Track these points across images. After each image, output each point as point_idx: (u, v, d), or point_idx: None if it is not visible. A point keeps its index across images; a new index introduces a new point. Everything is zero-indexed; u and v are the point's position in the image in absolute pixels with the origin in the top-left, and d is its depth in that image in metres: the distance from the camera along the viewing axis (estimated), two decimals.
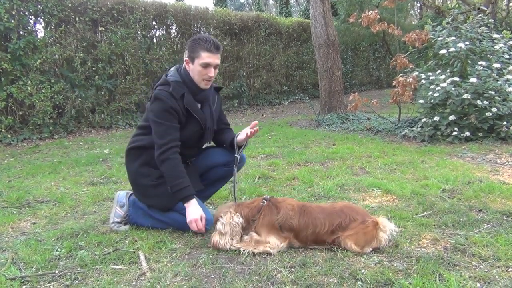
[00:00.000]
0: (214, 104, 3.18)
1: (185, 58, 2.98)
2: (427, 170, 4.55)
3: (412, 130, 6.52)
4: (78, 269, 2.44)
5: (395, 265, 2.38)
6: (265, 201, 2.74)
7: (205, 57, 2.87)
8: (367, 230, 2.56)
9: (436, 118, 6.08)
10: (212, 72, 2.93)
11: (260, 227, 2.65)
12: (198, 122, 3.00)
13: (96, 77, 9.08)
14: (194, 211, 2.76)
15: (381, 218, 2.67)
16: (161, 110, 2.86)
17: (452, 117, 5.93)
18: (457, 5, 9.38)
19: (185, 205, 2.79)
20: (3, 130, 7.58)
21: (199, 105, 3.04)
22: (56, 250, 2.69)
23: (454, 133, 5.91)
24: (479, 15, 6.82)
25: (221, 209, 2.78)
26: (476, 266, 2.35)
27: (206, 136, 3.11)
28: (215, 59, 2.92)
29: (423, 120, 6.35)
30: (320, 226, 2.59)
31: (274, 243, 2.59)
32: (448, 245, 2.63)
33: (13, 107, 7.86)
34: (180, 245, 2.78)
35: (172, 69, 3.08)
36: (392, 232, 2.61)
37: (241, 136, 3.08)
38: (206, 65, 2.89)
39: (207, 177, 3.24)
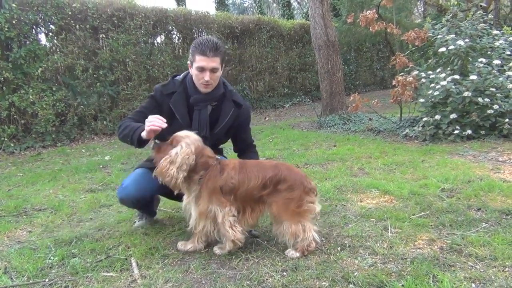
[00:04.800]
0: (226, 116, 3.03)
1: (188, 62, 3.00)
2: (427, 169, 4.49)
3: (414, 130, 6.45)
4: (69, 277, 2.43)
5: (388, 267, 2.34)
6: (215, 162, 2.68)
7: (199, 60, 2.81)
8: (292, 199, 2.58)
9: (438, 117, 6.02)
10: (207, 76, 2.82)
11: (204, 190, 2.60)
12: (180, 125, 2.89)
13: (98, 84, 9.11)
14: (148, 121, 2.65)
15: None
16: (147, 97, 3.05)
17: (453, 116, 5.87)
18: (457, 2, 9.31)
19: (142, 134, 2.68)
20: (6, 139, 7.62)
21: (191, 108, 2.99)
22: (49, 258, 2.69)
23: (456, 132, 5.84)
24: (478, 12, 6.75)
25: (185, 138, 2.63)
26: (472, 266, 2.30)
27: None
28: (210, 62, 2.81)
29: (424, 119, 6.29)
30: (254, 179, 2.59)
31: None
32: (444, 245, 2.58)
33: (15, 116, 7.89)
34: (173, 251, 2.76)
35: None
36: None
37: None
38: (201, 69, 2.83)
39: None
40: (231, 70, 12.57)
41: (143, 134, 2.66)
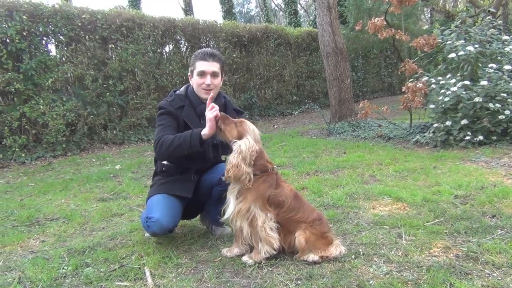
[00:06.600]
0: None
1: (188, 74, 3.12)
2: (439, 176, 4.46)
3: (424, 136, 6.41)
4: (83, 286, 2.43)
5: (404, 275, 2.32)
6: (273, 170, 2.69)
7: (200, 66, 2.98)
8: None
9: (448, 123, 5.98)
10: (208, 80, 2.96)
11: (251, 190, 2.57)
12: None
13: (108, 93, 9.18)
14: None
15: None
16: (160, 114, 3.00)
17: (464, 121, 5.83)
18: (465, 8, 9.29)
19: (202, 133, 2.71)
20: (17, 149, 7.68)
21: (200, 119, 3.01)
22: (63, 268, 2.69)
23: (467, 138, 5.80)
24: (487, 17, 6.72)
25: (253, 131, 2.67)
26: (489, 274, 2.27)
27: (207, 150, 3.00)
28: (210, 66, 2.97)
29: (435, 125, 6.25)
30: (302, 213, 2.61)
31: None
32: (460, 253, 2.55)
33: (26, 126, 7.97)
34: (186, 259, 2.75)
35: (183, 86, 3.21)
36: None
37: None
38: (201, 73, 2.96)
39: (212, 196, 3.11)
40: (239, 78, 12.60)
41: (205, 132, 2.69)
